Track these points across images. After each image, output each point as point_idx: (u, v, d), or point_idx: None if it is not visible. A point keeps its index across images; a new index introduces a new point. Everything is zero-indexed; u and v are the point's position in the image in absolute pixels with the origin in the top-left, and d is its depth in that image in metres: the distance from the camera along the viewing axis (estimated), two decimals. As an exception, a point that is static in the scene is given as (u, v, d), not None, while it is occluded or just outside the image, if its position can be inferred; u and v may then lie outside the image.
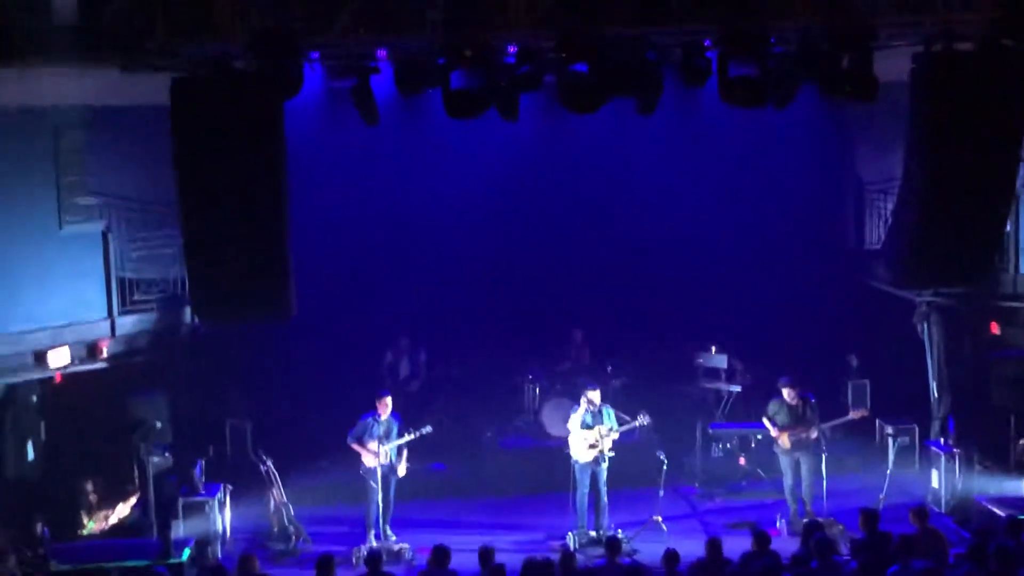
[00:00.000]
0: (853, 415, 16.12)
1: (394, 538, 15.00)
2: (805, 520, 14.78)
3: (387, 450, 14.95)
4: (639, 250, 19.09)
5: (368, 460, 14.95)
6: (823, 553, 11.27)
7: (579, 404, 15.26)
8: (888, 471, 16.09)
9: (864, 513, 12.32)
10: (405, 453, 15.20)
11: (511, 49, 12.64)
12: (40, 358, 14.55)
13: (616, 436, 15.13)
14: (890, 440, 16.57)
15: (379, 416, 15.01)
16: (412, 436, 15.12)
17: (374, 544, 14.73)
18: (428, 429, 15.19)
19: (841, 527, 14.77)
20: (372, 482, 14.92)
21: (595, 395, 15.16)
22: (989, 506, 14.24)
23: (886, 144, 15.80)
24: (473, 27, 12.10)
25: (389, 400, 15.15)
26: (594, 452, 15.01)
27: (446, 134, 16.17)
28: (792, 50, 12.71)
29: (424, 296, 18.53)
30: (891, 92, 12.64)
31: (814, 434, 15.33)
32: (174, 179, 12.30)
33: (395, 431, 15.07)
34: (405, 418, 15.48)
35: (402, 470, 15.16)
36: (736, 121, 15.89)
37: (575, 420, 15.16)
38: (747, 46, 12.26)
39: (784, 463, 15.48)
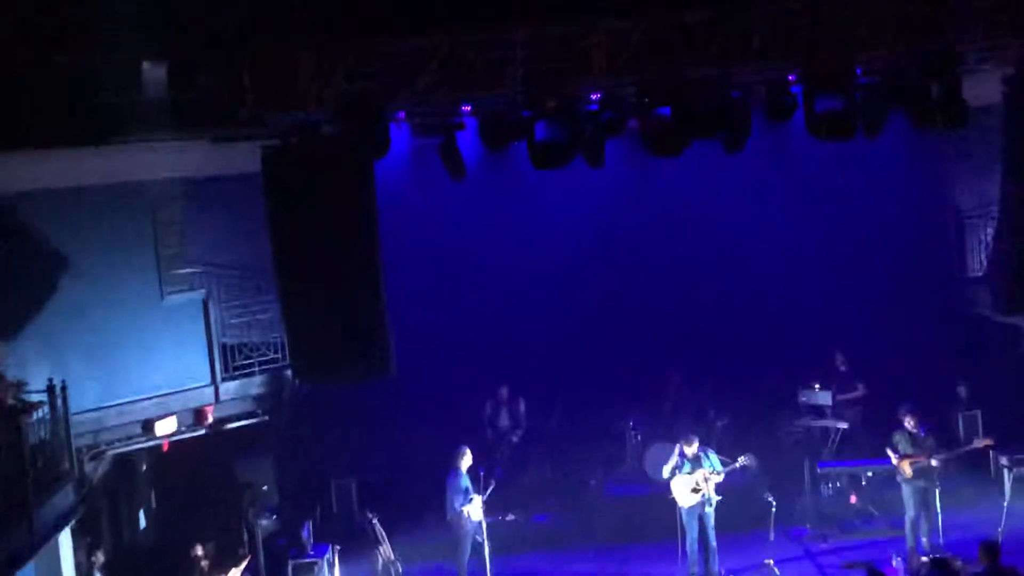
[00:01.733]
0: (977, 444, 15.79)
1: None
2: (924, 558, 14.47)
3: (481, 505, 15.06)
4: (735, 288, 18.88)
5: (473, 514, 15.06)
6: None
7: (680, 451, 15.15)
8: (1005, 503, 15.63)
9: (984, 546, 11.98)
10: None
11: (594, 97, 12.66)
12: (148, 427, 14.82)
13: (720, 479, 14.92)
14: (1006, 471, 16.10)
15: (460, 471, 15.15)
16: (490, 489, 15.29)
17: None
18: (492, 484, 15.33)
19: (959, 562, 14.35)
20: (478, 536, 15.00)
21: (690, 448, 14.99)
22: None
23: (982, 169, 15.50)
24: (555, 78, 12.14)
25: (468, 452, 15.30)
26: (697, 497, 14.82)
27: (534, 185, 16.22)
28: (879, 80, 12.55)
29: (520, 346, 18.52)
30: (984, 116, 12.40)
31: (935, 462, 15.00)
32: (269, 244, 12.51)
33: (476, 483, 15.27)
34: (507, 468, 15.52)
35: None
36: (827, 153, 15.66)
37: (667, 469, 15.05)
38: (832, 80, 12.12)
39: (907, 494, 15.17)
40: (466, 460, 15.25)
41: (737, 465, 15.10)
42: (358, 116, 12.01)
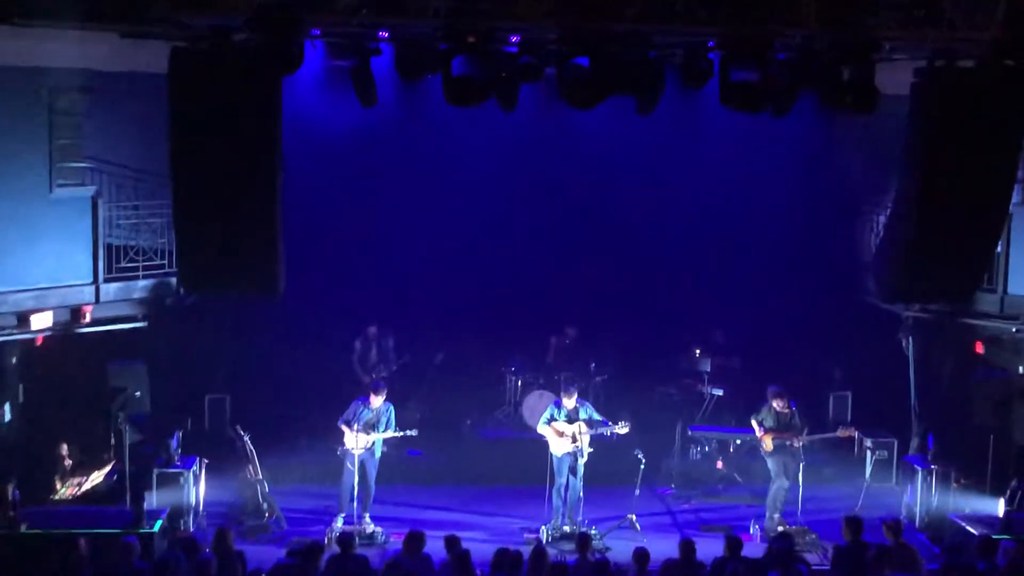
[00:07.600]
0: (840, 433, 16.11)
1: (371, 526, 14.96)
2: (780, 528, 14.89)
3: (370, 440, 14.97)
4: (631, 248, 19.10)
5: (348, 441, 14.99)
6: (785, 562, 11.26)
7: (558, 400, 15.30)
8: (865, 483, 16.12)
9: (848, 521, 12.37)
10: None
11: (514, 39, 12.58)
12: (23, 320, 14.46)
13: (590, 434, 15.09)
14: (868, 453, 16.60)
15: (369, 403, 15.07)
16: (397, 434, 15.20)
17: (339, 524, 14.85)
18: (414, 432, 15.21)
19: (814, 536, 14.81)
20: (349, 464, 14.95)
21: (569, 400, 15.15)
22: (963, 524, 14.30)
23: (882, 157, 15.79)
24: (477, 14, 12.02)
25: (382, 393, 15.25)
26: (570, 447, 14.99)
27: (444, 120, 16.08)
28: (794, 58, 12.67)
29: (414, 281, 18.49)
30: (891, 106, 12.61)
31: (798, 443, 15.35)
32: (168, 148, 12.23)
33: (384, 422, 15.15)
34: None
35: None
36: (734, 126, 15.84)
37: (543, 418, 15.25)
38: (750, 51, 12.21)
39: (772, 466, 15.48)
40: (376, 398, 15.16)
41: (615, 430, 15.26)
42: (273, 28, 11.73)
